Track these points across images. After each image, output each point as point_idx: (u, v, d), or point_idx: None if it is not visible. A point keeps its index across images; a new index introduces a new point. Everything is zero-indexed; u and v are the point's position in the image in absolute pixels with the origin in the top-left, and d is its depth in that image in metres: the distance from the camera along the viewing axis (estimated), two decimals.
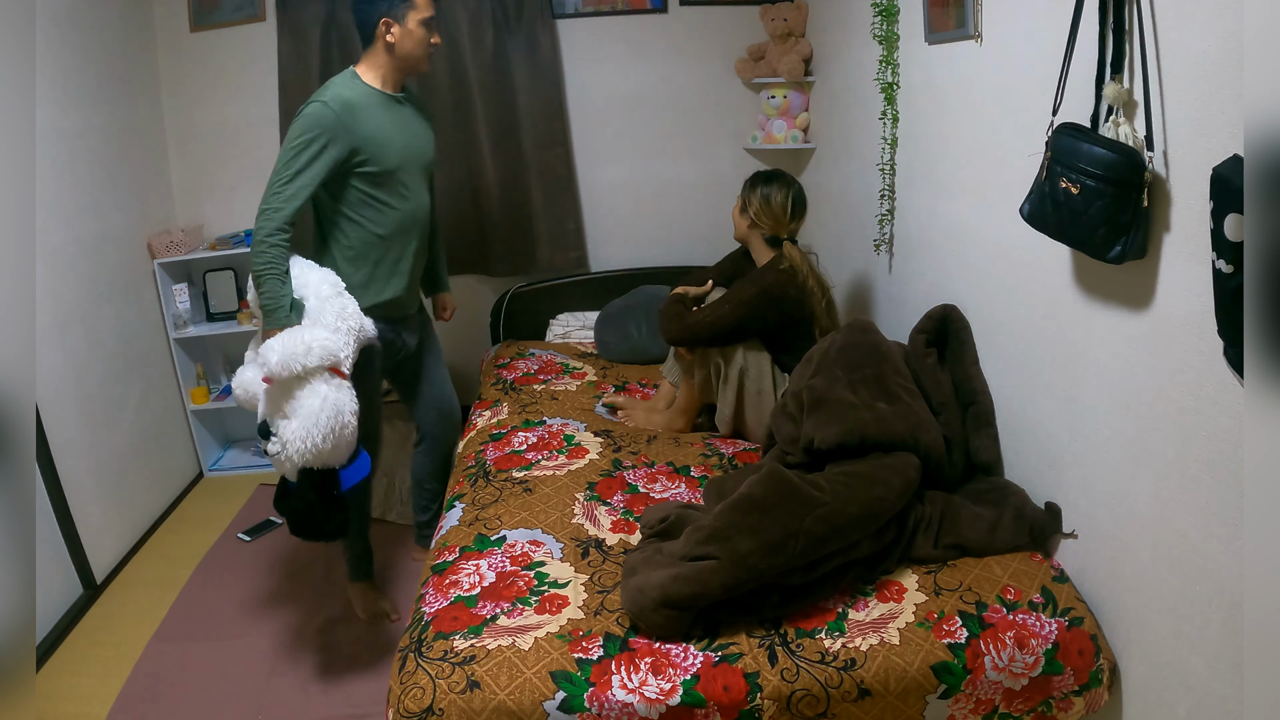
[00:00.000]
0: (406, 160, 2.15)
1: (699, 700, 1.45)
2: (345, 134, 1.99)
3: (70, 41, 2.67)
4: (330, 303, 2.00)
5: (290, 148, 1.96)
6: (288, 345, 1.86)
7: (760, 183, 2.43)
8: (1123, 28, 1.37)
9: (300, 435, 1.83)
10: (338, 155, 2.00)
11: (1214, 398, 1.27)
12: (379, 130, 2.07)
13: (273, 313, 1.96)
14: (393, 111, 2.14)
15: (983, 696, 1.52)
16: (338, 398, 1.89)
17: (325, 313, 1.97)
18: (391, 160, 2.10)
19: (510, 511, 2.04)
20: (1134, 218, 1.34)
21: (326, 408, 1.85)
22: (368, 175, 2.07)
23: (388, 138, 2.09)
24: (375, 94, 2.11)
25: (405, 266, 2.23)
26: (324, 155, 1.97)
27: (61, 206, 2.60)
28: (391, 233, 2.17)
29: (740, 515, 1.64)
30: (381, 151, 2.07)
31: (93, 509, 2.65)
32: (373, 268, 2.17)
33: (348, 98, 2.02)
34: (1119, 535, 1.54)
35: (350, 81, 2.09)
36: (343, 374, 1.94)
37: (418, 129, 2.23)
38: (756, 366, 2.39)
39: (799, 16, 3.23)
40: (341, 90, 2.03)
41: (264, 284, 1.96)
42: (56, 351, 2.53)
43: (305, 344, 1.86)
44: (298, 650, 2.32)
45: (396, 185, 2.14)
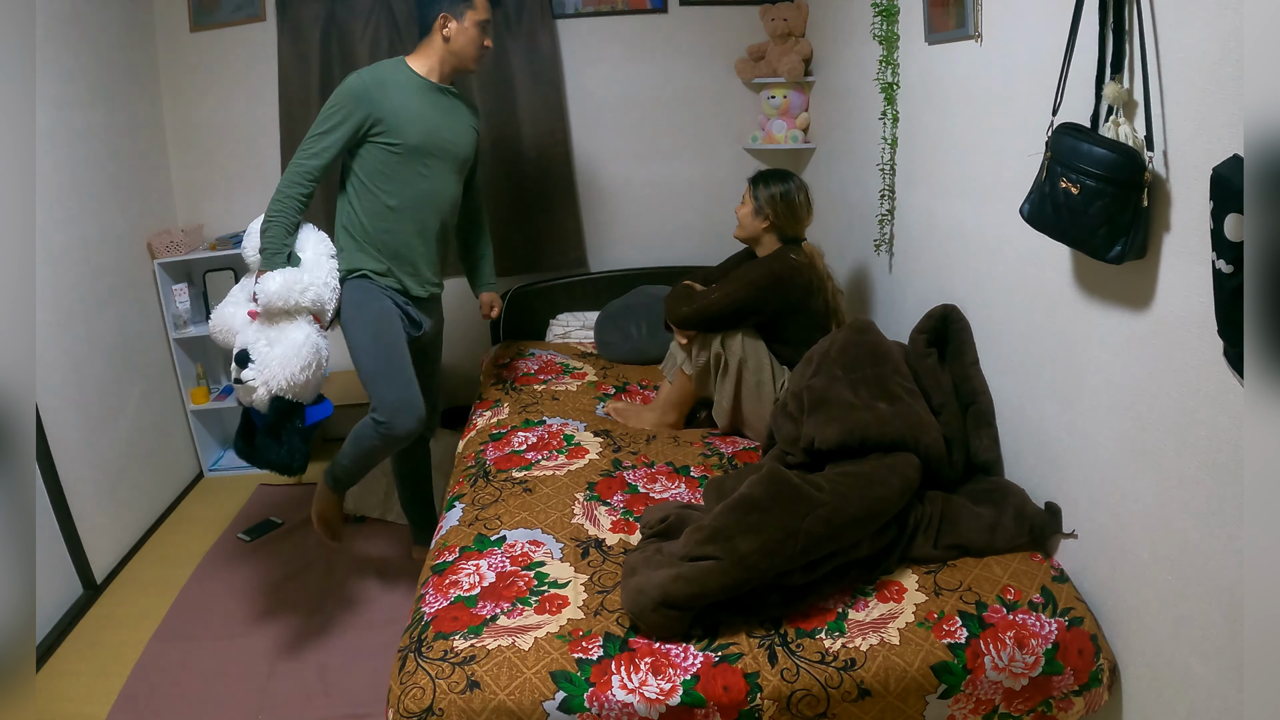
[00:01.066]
0: (431, 143, 2.22)
1: (699, 700, 1.45)
2: (369, 103, 2.13)
3: (70, 41, 2.67)
4: (324, 261, 2.20)
5: (322, 113, 2.14)
6: (289, 279, 2.08)
7: (773, 182, 2.42)
8: (1123, 28, 1.37)
9: (281, 362, 2.04)
10: (359, 120, 2.13)
11: (1214, 398, 1.27)
12: (406, 107, 2.17)
13: (272, 255, 2.12)
14: (430, 97, 2.24)
15: (983, 696, 1.52)
16: (319, 339, 2.13)
17: (320, 267, 2.18)
18: (413, 137, 2.18)
19: (510, 511, 2.04)
20: (1134, 218, 1.34)
21: (309, 343, 2.08)
22: (386, 146, 2.17)
23: (415, 116, 2.18)
24: (417, 79, 2.22)
25: (414, 245, 2.28)
26: (348, 121, 2.13)
27: (61, 206, 2.60)
28: (401, 205, 2.23)
29: (740, 515, 1.64)
30: (403, 126, 2.17)
31: (93, 509, 2.65)
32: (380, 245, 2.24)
33: (383, 75, 2.18)
34: (1119, 535, 1.54)
35: (395, 65, 2.23)
36: (322, 324, 2.17)
37: (455, 121, 2.31)
38: (755, 357, 2.39)
39: (799, 16, 3.23)
40: (381, 68, 2.21)
41: (271, 229, 2.12)
42: (56, 351, 2.54)
43: (304, 283, 2.09)
44: (298, 650, 2.32)
45: (416, 163, 2.21)
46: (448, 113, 2.28)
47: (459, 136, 2.32)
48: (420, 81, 2.23)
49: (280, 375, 2.05)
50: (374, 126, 2.15)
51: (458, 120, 2.32)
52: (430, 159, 2.24)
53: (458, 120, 2.32)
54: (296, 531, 2.96)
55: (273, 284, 2.06)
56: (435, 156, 2.25)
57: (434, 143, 2.23)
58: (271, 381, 2.05)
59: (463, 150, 2.34)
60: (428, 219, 2.29)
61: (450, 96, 2.30)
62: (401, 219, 2.25)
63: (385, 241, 2.25)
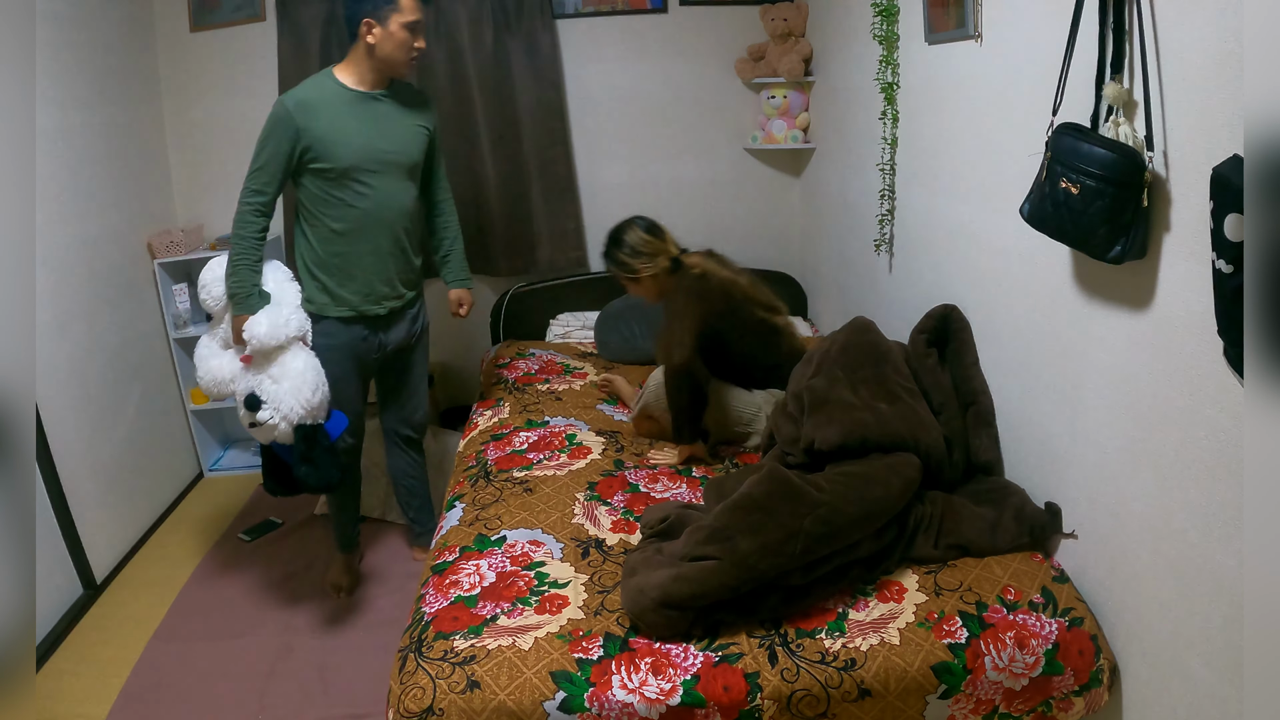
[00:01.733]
0: (367, 159, 2.16)
1: (699, 700, 1.45)
2: (295, 130, 2.08)
3: (70, 41, 2.67)
4: (287, 286, 2.25)
5: (256, 146, 2.12)
6: (273, 318, 2.12)
7: (613, 247, 2.35)
8: (1123, 28, 1.37)
9: (293, 393, 2.08)
10: (289, 151, 2.10)
11: (1214, 398, 1.27)
12: (333, 129, 2.11)
13: (245, 299, 2.14)
14: (362, 109, 2.16)
15: (983, 697, 1.52)
16: (314, 359, 2.18)
17: (286, 294, 2.22)
18: (345, 158, 2.13)
19: (510, 511, 2.04)
20: (1134, 218, 1.34)
21: (309, 367, 2.13)
22: (321, 172, 2.14)
23: (343, 136, 2.12)
24: (345, 93, 2.14)
25: (367, 264, 2.24)
26: (279, 151, 2.09)
27: (62, 206, 2.60)
28: (348, 228, 2.19)
29: (740, 515, 1.64)
30: (333, 150, 2.11)
31: (93, 509, 2.65)
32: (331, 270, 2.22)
33: (305, 97, 2.11)
34: (1119, 535, 1.54)
35: (320, 81, 2.15)
36: (307, 343, 2.22)
37: (394, 128, 2.22)
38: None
39: (799, 16, 3.23)
40: (303, 90, 2.13)
41: (237, 273, 2.14)
42: (56, 351, 2.54)
43: (285, 317, 2.14)
44: (298, 650, 2.32)
45: (352, 183, 2.16)
46: (383, 121, 2.19)
47: (401, 144, 2.23)
48: (349, 94, 2.14)
49: (296, 405, 2.09)
50: (305, 153, 2.10)
51: (397, 126, 2.22)
52: (370, 175, 2.16)
53: (397, 126, 2.22)
54: (296, 531, 2.96)
55: (260, 328, 2.10)
56: (375, 172, 2.17)
57: (370, 158, 2.15)
58: (291, 413, 2.08)
59: (408, 156, 2.25)
60: (379, 237, 2.23)
61: (386, 102, 2.20)
62: (351, 241, 2.20)
63: (338, 265, 2.22)
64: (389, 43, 2.09)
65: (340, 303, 2.25)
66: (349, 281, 2.24)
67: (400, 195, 2.26)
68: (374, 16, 2.07)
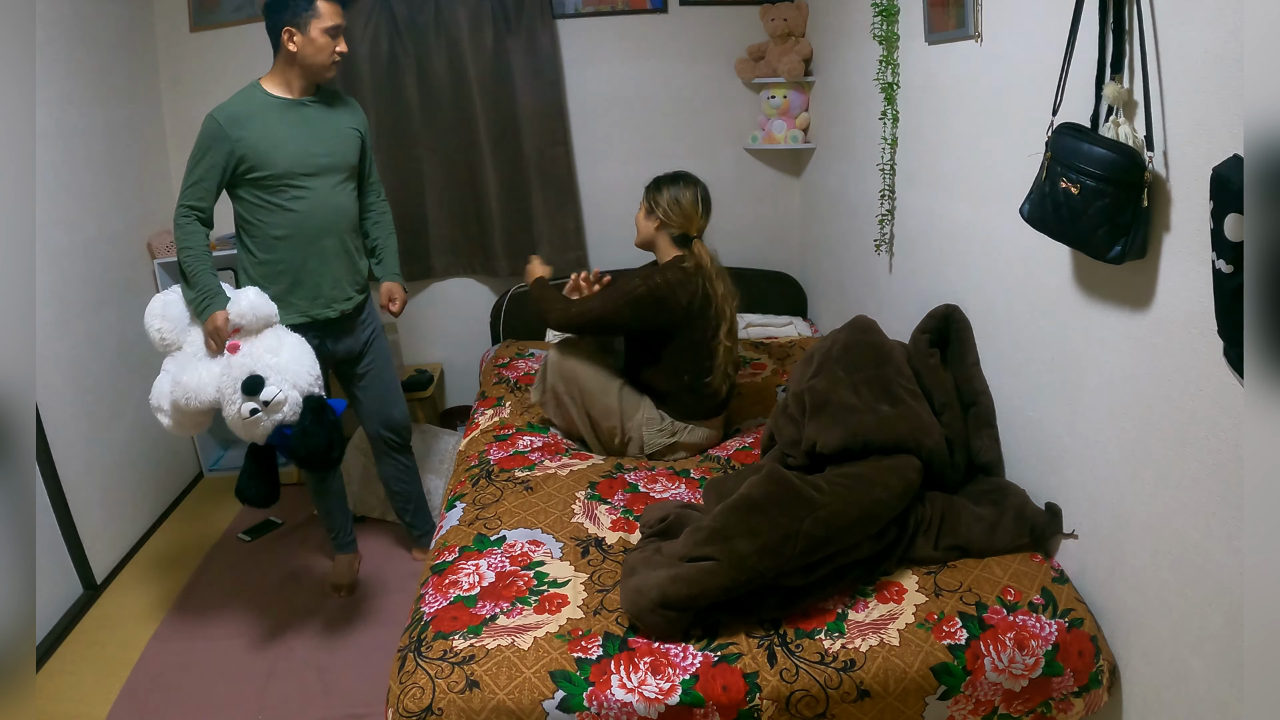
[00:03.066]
0: (302, 164, 2.18)
1: (698, 700, 1.45)
2: (228, 142, 2.10)
3: (70, 41, 2.68)
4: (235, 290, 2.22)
5: (189, 162, 2.14)
6: (250, 292, 2.12)
7: (667, 184, 2.39)
8: (1123, 28, 1.37)
9: (295, 359, 2.07)
10: (224, 164, 2.12)
11: (1214, 398, 1.27)
12: (265, 137, 2.13)
13: (214, 296, 2.11)
14: (292, 115, 2.18)
15: (982, 698, 1.52)
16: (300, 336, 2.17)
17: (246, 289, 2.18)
18: (280, 163, 2.15)
19: (510, 511, 2.04)
20: (1134, 218, 1.34)
21: (301, 340, 2.14)
22: (258, 180, 2.16)
23: (278, 141, 2.14)
24: (273, 101, 2.17)
25: (312, 268, 2.25)
26: (214, 165, 2.11)
27: (62, 206, 2.60)
28: (288, 233, 2.21)
29: (740, 516, 1.64)
30: (267, 157, 2.13)
31: (93, 509, 2.65)
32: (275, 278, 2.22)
33: (235, 110, 2.13)
34: (1119, 535, 1.54)
35: (248, 93, 2.18)
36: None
37: (325, 132, 2.24)
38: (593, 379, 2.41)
39: (799, 16, 3.23)
40: (233, 103, 2.15)
41: (197, 279, 2.12)
42: (56, 351, 2.54)
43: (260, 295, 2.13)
44: (298, 650, 2.33)
45: (288, 188, 2.18)
46: (314, 125, 2.21)
47: (335, 146, 2.25)
48: (277, 102, 2.17)
49: (302, 371, 2.06)
50: (240, 164, 2.12)
51: (329, 130, 2.25)
52: (306, 179, 2.19)
53: (329, 130, 2.25)
54: (296, 531, 2.96)
55: (244, 302, 2.09)
56: (311, 174, 2.20)
57: (305, 162, 2.18)
58: (299, 380, 2.05)
59: (342, 159, 2.27)
60: (322, 238, 2.24)
61: (314, 107, 2.23)
62: (292, 246, 2.21)
63: (282, 272, 2.22)
64: (310, 48, 2.13)
65: (289, 308, 2.24)
66: (296, 288, 2.24)
67: (338, 197, 2.28)
68: (294, 24, 2.10)
